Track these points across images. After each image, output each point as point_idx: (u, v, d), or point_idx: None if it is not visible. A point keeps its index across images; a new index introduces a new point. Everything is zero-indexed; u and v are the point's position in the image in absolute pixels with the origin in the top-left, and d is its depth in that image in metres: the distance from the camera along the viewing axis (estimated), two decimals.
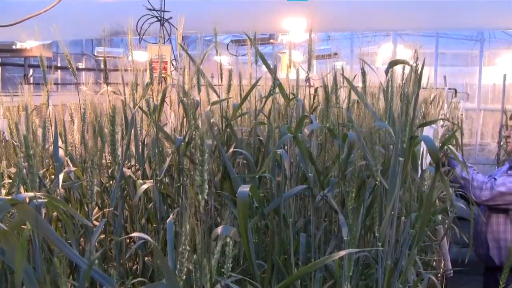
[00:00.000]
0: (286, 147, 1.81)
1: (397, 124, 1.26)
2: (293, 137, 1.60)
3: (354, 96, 1.93)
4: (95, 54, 8.43)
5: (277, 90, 1.91)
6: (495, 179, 3.36)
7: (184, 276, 0.87)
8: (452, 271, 3.55)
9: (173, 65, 3.91)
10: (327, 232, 1.77)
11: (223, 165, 1.77)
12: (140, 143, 2.14)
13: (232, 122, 2.16)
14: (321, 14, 5.78)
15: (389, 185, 1.28)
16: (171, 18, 4.17)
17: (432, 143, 1.21)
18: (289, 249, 1.48)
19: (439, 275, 3.73)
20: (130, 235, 1.68)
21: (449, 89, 7.54)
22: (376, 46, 10.94)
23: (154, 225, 2.03)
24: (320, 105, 1.73)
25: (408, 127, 1.23)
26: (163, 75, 2.50)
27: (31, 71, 6.83)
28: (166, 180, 2.21)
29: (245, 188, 1.29)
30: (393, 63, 1.52)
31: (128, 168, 2.22)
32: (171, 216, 1.08)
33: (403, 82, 1.35)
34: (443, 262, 3.75)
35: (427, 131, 2.54)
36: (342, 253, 1.08)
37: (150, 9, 4.18)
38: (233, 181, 1.58)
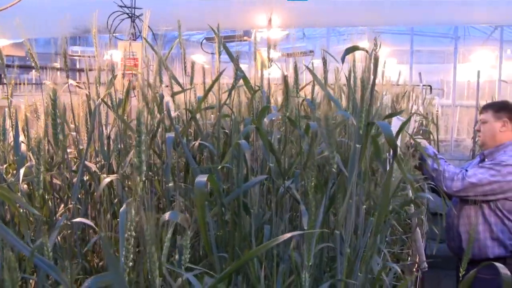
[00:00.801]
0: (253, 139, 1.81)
1: (363, 114, 1.25)
2: (256, 128, 1.58)
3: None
4: (70, 53, 8.32)
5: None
6: (466, 170, 3.38)
7: (131, 264, 0.86)
8: (426, 266, 3.56)
9: (144, 62, 3.87)
10: (296, 225, 1.76)
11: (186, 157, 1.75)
12: (106, 138, 2.11)
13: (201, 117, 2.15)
14: (297, 10, 5.78)
15: (348, 173, 1.27)
16: (142, 15, 4.13)
17: (388, 130, 1.20)
18: (251, 241, 1.46)
19: (414, 269, 3.74)
20: (73, 220, 1.64)
21: (425, 85, 7.59)
22: (352, 43, 10.98)
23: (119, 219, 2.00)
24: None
25: (364, 113, 1.22)
26: (134, 72, 2.48)
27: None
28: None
29: (202, 178, 1.28)
30: (349, 50, 1.51)
31: (96, 164, 2.20)
32: (124, 206, 1.06)
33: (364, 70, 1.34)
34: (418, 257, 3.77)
35: (395, 123, 2.54)
36: (288, 235, 1.07)
37: (121, 6, 4.14)
38: (193, 173, 1.56)
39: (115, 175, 1.96)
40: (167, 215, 1.12)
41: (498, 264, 1.52)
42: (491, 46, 10.54)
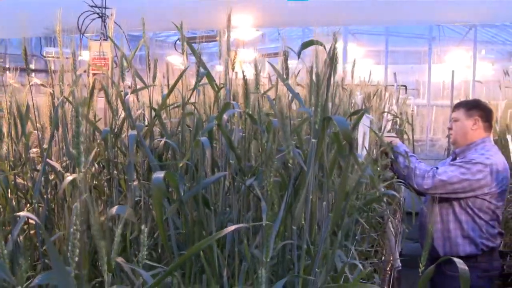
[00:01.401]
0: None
1: (319, 108, 1.24)
2: (217, 125, 1.57)
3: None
4: (44, 55, 8.25)
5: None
6: (437, 168, 3.40)
7: (77, 258, 0.84)
8: (400, 265, 3.57)
9: (115, 62, 3.84)
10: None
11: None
12: (70, 136, 2.09)
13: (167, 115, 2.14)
14: (271, 9, 5.76)
15: (306, 168, 1.27)
16: (112, 14, 4.10)
17: (343, 124, 1.20)
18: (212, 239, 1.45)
19: (387, 268, 3.75)
20: (17, 213, 1.62)
21: (399, 85, 7.62)
22: (328, 44, 11.01)
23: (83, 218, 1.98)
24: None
25: (320, 107, 1.21)
26: (103, 72, 2.44)
27: None
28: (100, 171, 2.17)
29: (159, 174, 1.26)
30: (306, 44, 1.51)
31: (61, 163, 2.17)
32: (77, 202, 1.04)
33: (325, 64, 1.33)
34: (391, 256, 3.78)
35: (364, 120, 2.54)
36: (231, 228, 1.06)
37: (92, 6, 4.11)
38: (153, 170, 1.55)
39: (80, 173, 1.93)
40: (114, 209, 1.11)
41: (456, 260, 1.52)
42: (466, 46, 10.64)
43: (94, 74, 2.48)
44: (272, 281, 1.48)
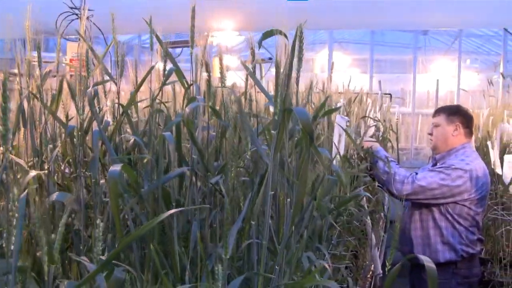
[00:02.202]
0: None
1: (278, 99, 1.20)
2: (182, 120, 1.53)
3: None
4: (31, 58, 8.09)
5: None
6: (416, 173, 3.37)
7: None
8: (381, 272, 3.53)
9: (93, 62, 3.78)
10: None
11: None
12: (38, 133, 2.04)
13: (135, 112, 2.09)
14: (255, 14, 5.71)
15: (269, 162, 1.23)
16: (92, 15, 4.06)
17: (304, 115, 1.15)
18: (172, 236, 1.40)
19: (368, 275, 3.71)
20: None
21: (385, 94, 7.61)
22: (314, 52, 11.05)
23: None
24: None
25: (280, 98, 1.17)
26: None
27: None
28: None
29: (116, 167, 1.22)
30: (267, 34, 1.47)
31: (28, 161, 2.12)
32: (23, 193, 0.99)
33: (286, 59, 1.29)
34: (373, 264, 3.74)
35: (339, 121, 2.51)
36: (172, 211, 1.01)
37: (71, 7, 4.06)
38: (112, 163, 1.49)
39: (43, 171, 1.88)
40: (54, 196, 1.06)
41: (422, 257, 1.48)
42: (451, 56, 10.67)
43: (71, 76, 2.44)
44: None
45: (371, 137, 4.01)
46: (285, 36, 1.34)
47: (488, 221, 4.39)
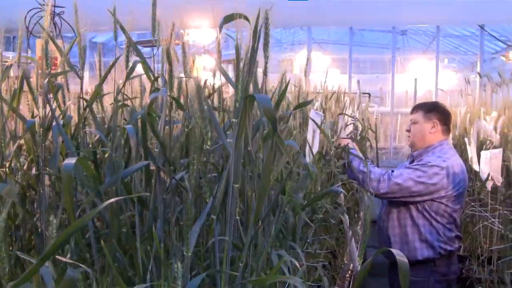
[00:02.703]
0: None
1: (239, 84, 1.14)
2: (146, 113, 1.46)
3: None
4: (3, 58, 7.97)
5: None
6: (392, 171, 3.33)
7: None
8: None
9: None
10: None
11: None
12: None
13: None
14: (229, 10, 5.59)
15: (230, 152, 1.17)
16: (63, 12, 3.98)
17: (266, 101, 1.09)
18: (134, 234, 1.34)
19: (347, 275, 3.67)
20: None
21: (363, 93, 7.60)
22: (293, 53, 11.01)
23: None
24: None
25: (241, 84, 1.11)
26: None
27: None
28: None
29: (71, 160, 1.15)
30: (228, 18, 1.40)
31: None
32: None
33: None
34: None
35: (314, 117, 2.46)
36: (111, 200, 0.95)
37: (41, 4, 3.96)
38: (68, 157, 1.42)
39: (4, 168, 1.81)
40: None
41: (395, 251, 1.42)
42: (429, 56, 10.69)
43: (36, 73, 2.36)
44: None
45: (348, 135, 3.97)
46: (247, 19, 1.28)
47: (466, 217, 4.36)
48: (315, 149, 2.36)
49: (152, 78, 1.77)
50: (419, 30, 12.59)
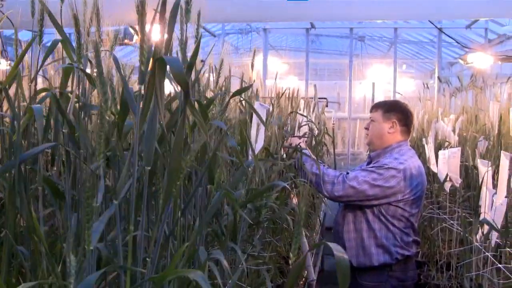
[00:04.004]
0: None
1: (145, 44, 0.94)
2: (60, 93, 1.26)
3: None
4: None
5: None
6: (347, 173, 3.16)
7: None
8: (314, 278, 3.33)
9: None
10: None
11: None
12: None
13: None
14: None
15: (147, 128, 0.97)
16: (2, 6, 3.74)
17: (176, 64, 0.90)
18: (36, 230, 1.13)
19: (301, 282, 3.50)
20: None
21: (320, 98, 7.50)
22: (249, 58, 10.86)
23: None
24: None
25: (145, 44, 0.92)
26: None
27: None
28: None
29: None
30: None
31: None
32: None
33: None
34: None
35: (258, 108, 2.27)
36: None
37: None
38: None
39: None
40: None
41: (332, 245, 1.23)
42: (388, 61, 10.68)
43: None
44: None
45: (302, 137, 3.81)
46: None
47: (424, 221, 4.23)
48: (259, 144, 2.18)
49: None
50: (377, 35, 12.63)
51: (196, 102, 1.26)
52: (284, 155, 3.38)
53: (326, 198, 3.48)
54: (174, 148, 0.96)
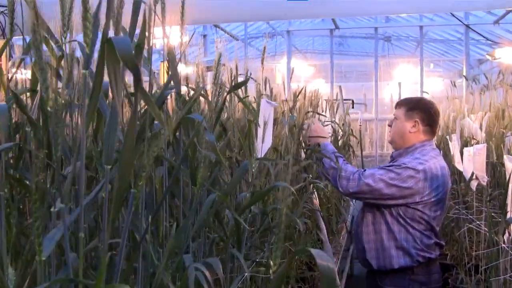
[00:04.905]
0: None
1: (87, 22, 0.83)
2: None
3: None
4: None
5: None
6: (364, 170, 3.02)
7: None
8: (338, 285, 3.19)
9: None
10: None
11: None
12: None
13: None
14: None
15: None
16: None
17: (125, 43, 0.78)
18: None
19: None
20: None
21: (345, 99, 7.40)
22: (275, 62, 10.77)
23: None
24: None
25: (89, 21, 0.80)
26: None
27: None
28: None
29: None
30: None
31: None
32: None
33: None
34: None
35: (266, 107, 2.15)
36: None
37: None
38: None
39: None
40: None
41: (314, 251, 1.08)
42: (415, 60, 10.50)
43: None
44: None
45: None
46: None
47: (451, 222, 4.06)
48: (267, 144, 2.05)
49: None
50: (403, 35, 12.46)
51: (175, 94, 1.15)
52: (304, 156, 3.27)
53: (343, 195, 3.34)
54: (125, 141, 0.84)
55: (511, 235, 2.42)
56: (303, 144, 3.25)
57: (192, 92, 1.64)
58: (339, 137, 4.94)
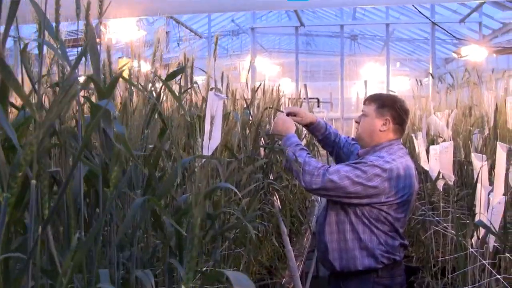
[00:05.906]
0: None
1: None
2: None
3: None
4: None
5: None
6: (330, 166, 2.85)
7: None
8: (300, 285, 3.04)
9: None
10: None
11: None
12: None
13: None
14: None
15: None
16: None
17: None
18: None
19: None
20: None
21: (311, 98, 7.32)
22: (240, 60, 10.62)
23: None
24: None
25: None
26: None
27: None
28: None
29: None
30: None
31: None
32: None
33: None
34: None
35: (214, 100, 1.97)
36: None
37: None
38: None
39: None
40: None
41: (231, 274, 0.89)
42: (381, 59, 10.47)
43: None
44: None
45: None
46: None
47: (417, 224, 3.92)
48: (215, 141, 1.85)
49: None
50: (369, 34, 12.45)
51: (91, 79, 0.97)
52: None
53: (306, 191, 3.17)
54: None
55: (479, 238, 2.27)
56: (262, 142, 3.09)
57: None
58: (303, 136, 4.81)
